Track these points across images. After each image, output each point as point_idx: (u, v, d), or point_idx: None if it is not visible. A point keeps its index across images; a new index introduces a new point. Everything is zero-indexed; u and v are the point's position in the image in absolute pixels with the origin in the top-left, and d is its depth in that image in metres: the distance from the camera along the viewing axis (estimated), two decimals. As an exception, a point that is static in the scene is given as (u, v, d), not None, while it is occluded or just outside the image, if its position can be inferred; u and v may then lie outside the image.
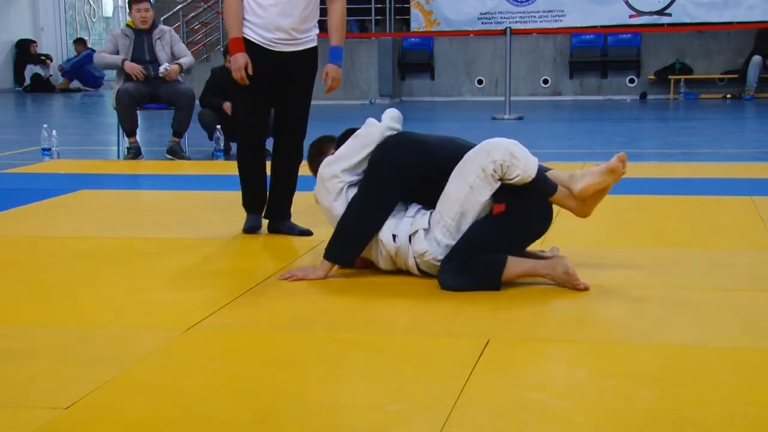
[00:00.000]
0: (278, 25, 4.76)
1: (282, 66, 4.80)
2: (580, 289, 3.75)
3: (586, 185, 3.86)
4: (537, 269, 3.82)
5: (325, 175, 4.06)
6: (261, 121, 4.97)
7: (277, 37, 4.78)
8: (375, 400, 2.68)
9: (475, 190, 3.80)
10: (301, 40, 4.83)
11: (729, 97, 15.31)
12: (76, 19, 22.35)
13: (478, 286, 3.75)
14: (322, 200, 4.09)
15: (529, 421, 2.53)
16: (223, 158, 8.23)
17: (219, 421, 2.55)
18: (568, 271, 3.76)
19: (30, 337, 3.30)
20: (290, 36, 4.79)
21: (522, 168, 3.78)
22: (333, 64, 4.88)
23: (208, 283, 3.99)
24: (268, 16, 4.78)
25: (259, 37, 4.78)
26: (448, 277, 3.79)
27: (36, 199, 6.06)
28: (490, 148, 3.81)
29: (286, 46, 4.80)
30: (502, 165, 3.77)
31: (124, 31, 8.32)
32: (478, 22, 16.04)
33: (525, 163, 3.79)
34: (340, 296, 3.77)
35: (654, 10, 15.62)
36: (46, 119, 11.95)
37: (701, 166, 7.58)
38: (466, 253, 3.79)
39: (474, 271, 3.77)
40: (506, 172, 3.78)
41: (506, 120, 12.17)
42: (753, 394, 2.70)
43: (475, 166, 3.81)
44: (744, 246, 4.57)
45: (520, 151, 3.83)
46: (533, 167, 3.81)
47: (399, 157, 3.99)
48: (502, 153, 3.79)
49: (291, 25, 4.78)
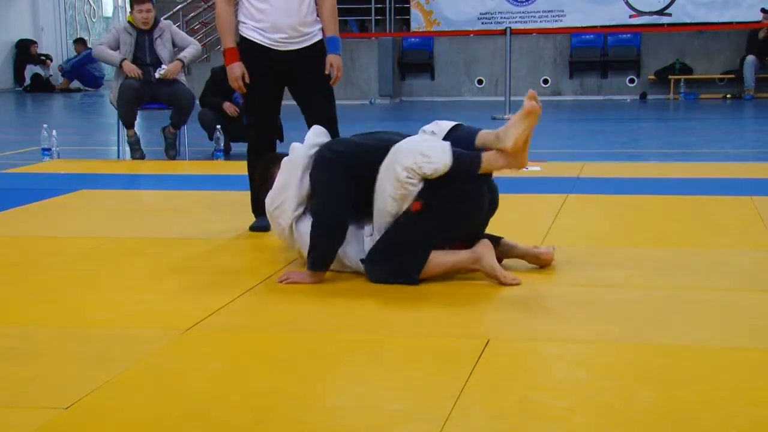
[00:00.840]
0: (280, 25, 4.77)
1: (291, 65, 4.83)
2: (508, 284, 3.78)
3: (516, 137, 3.85)
4: (462, 263, 3.86)
5: (272, 212, 4.14)
6: (271, 124, 4.98)
7: (281, 37, 4.79)
8: (375, 400, 2.68)
9: (399, 200, 3.83)
10: (307, 36, 4.84)
11: (729, 97, 15.31)
12: (76, 19, 22.35)
13: (395, 280, 3.82)
14: (278, 233, 4.21)
15: (529, 421, 2.53)
16: (223, 158, 8.23)
17: (219, 420, 2.55)
18: (495, 272, 3.80)
19: (30, 337, 3.30)
20: (295, 34, 4.80)
21: (434, 162, 3.78)
22: (334, 54, 4.89)
23: (208, 283, 3.99)
24: (270, 18, 4.79)
25: (263, 38, 4.79)
26: (372, 268, 3.87)
27: (36, 199, 6.06)
28: (398, 156, 3.82)
29: (292, 45, 4.81)
30: (413, 169, 3.78)
31: (126, 29, 8.29)
32: (478, 22, 16.04)
33: (436, 157, 3.79)
34: (339, 296, 3.77)
35: (654, 10, 15.62)
36: (46, 119, 11.95)
37: (701, 166, 7.58)
38: (388, 246, 3.84)
39: (393, 264, 3.83)
40: (421, 173, 3.79)
41: (506, 120, 12.15)
42: (753, 394, 2.70)
43: (390, 179, 3.82)
44: (744, 246, 4.57)
45: (428, 146, 3.84)
46: (446, 157, 3.80)
47: (332, 158, 4.01)
48: (410, 157, 3.80)
49: (293, 24, 4.78)
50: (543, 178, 6.79)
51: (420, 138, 3.96)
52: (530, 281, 3.91)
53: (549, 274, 4.02)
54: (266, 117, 4.94)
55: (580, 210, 5.55)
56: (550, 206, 5.53)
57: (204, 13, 17.32)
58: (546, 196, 6.00)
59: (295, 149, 4.16)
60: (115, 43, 8.25)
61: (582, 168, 7.16)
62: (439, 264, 3.85)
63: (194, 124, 8.64)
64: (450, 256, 3.88)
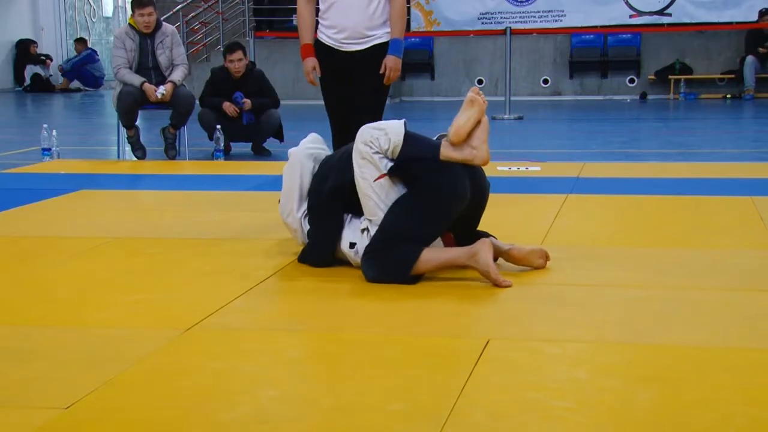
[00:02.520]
0: (344, 25, 5.02)
1: (352, 65, 5.03)
2: (500, 285, 3.78)
3: (458, 126, 3.90)
4: (457, 260, 3.87)
5: (285, 220, 4.28)
6: (339, 119, 5.17)
7: (344, 37, 5.01)
8: (375, 400, 2.68)
9: (369, 177, 3.91)
10: (370, 37, 5.05)
11: (729, 97, 15.31)
12: (76, 19, 22.35)
13: (389, 279, 3.84)
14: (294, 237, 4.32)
15: (529, 421, 2.53)
16: (223, 158, 8.23)
17: (219, 421, 2.55)
18: (488, 271, 3.80)
19: (30, 337, 3.30)
20: (357, 35, 5.03)
21: (389, 134, 3.87)
22: (391, 56, 5.13)
23: (208, 283, 3.99)
24: (334, 18, 5.08)
25: (329, 38, 5.11)
26: (365, 267, 3.92)
27: (36, 199, 6.06)
28: (357, 138, 3.95)
29: (354, 45, 5.04)
30: (371, 141, 3.89)
31: (128, 33, 8.27)
32: (478, 22, 16.04)
33: (390, 129, 3.90)
34: (339, 296, 3.77)
35: (654, 10, 15.63)
36: (46, 119, 11.96)
37: (701, 166, 7.58)
38: (381, 242, 3.89)
39: (386, 263, 3.86)
40: (378, 146, 3.88)
41: (506, 120, 12.17)
42: (753, 394, 2.70)
43: (356, 158, 3.94)
44: (744, 246, 4.57)
45: (383, 123, 3.98)
46: (400, 129, 3.90)
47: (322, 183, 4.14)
48: (367, 134, 3.92)
49: (357, 25, 5.05)
50: (543, 178, 6.80)
51: (380, 122, 4.09)
52: (530, 281, 3.91)
53: (549, 274, 4.02)
54: (335, 115, 5.15)
55: (580, 210, 5.55)
56: (550, 206, 5.53)
57: (204, 13, 17.33)
58: (546, 196, 6.00)
59: (291, 155, 4.29)
60: (127, 57, 8.20)
61: (582, 168, 7.16)
62: (432, 259, 3.86)
63: (194, 124, 8.65)
64: (445, 253, 3.90)
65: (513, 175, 6.92)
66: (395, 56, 5.12)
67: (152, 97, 8.10)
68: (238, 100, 8.59)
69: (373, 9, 5.05)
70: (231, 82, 8.65)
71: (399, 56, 5.15)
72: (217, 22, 17.08)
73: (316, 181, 4.18)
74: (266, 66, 13.75)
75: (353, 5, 5.03)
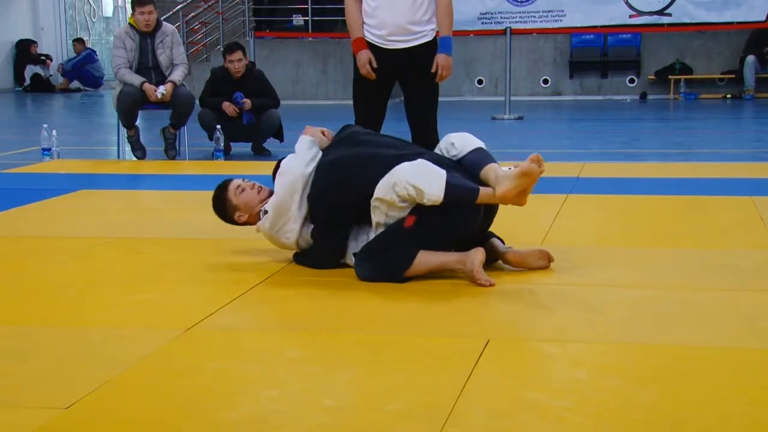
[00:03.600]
0: (388, 23, 5.08)
1: (400, 63, 5.08)
2: (482, 284, 3.77)
3: (507, 190, 3.83)
4: (449, 263, 3.88)
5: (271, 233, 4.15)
6: (372, 117, 5.22)
7: (389, 35, 5.04)
8: (375, 400, 2.68)
9: (392, 218, 3.87)
10: (417, 35, 5.10)
11: (729, 97, 15.31)
12: (76, 19, 22.34)
13: (382, 278, 3.85)
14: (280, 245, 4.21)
15: (529, 421, 2.53)
16: (223, 158, 8.23)
17: (219, 421, 2.55)
18: (472, 269, 3.79)
19: (30, 337, 3.30)
20: (403, 32, 5.07)
21: (427, 196, 3.76)
22: (442, 54, 5.19)
23: (208, 283, 3.99)
24: (378, 15, 5.13)
25: (373, 36, 5.20)
26: (359, 265, 3.91)
27: (36, 199, 6.06)
28: (394, 181, 3.80)
29: (400, 43, 5.11)
30: (407, 197, 3.79)
31: (128, 33, 8.27)
32: (478, 22, 16.02)
33: (428, 191, 3.75)
34: (340, 296, 3.77)
35: (654, 10, 15.61)
36: (46, 119, 11.96)
37: (701, 166, 7.58)
38: (380, 244, 3.88)
39: (381, 262, 3.86)
40: (412, 200, 3.80)
41: (506, 120, 12.17)
42: (753, 394, 2.70)
43: (385, 201, 3.84)
44: (744, 246, 4.57)
45: (422, 178, 3.78)
46: (438, 191, 3.76)
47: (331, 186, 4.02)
48: (405, 188, 3.78)
49: (402, 22, 5.11)
50: (543, 178, 6.72)
51: (420, 163, 3.86)
52: (530, 281, 3.91)
53: (549, 274, 4.02)
54: (368, 113, 5.19)
55: (580, 210, 5.55)
56: (550, 206, 5.53)
57: (204, 13, 17.33)
58: (546, 196, 5.99)
59: (289, 170, 4.10)
60: (127, 57, 8.20)
61: (582, 168, 7.16)
62: (425, 262, 3.87)
63: (194, 124, 8.64)
64: (438, 257, 3.89)
65: (513, 175, 6.90)
66: (446, 54, 5.17)
67: (152, 97, 8.10)
68: (238, 100, 8.58)
69: (418, 6, 5.09)
70: (231, 82, 8.65)
71: (450, 54, 5.18)
72: (217, 22, 17.08)
73: (322, 187, 4.04)
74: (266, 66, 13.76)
75: (397, 3, 5.07)
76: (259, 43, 14.57)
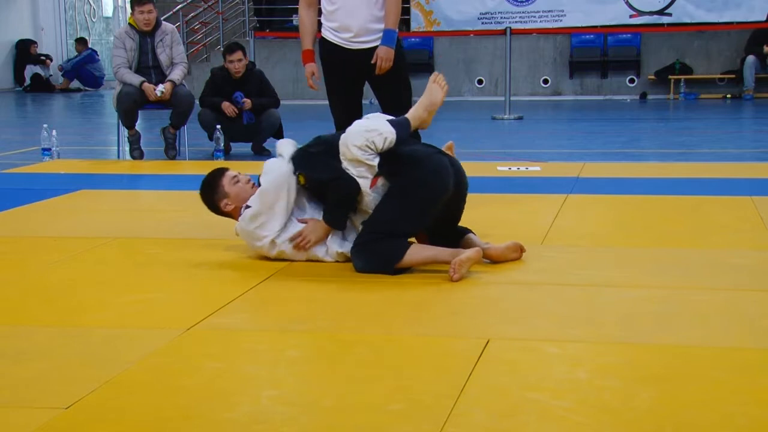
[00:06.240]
0: (349, 24, 5.14)
1: (364, 63, 5.13)
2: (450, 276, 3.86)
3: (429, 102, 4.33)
4: (440, 257, 3.99)
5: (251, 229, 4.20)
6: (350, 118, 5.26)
7: (351, 36, 5.12)
8: (375, 400, 2.68)
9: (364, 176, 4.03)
10: (378, 33, 5.17)
11: (729, 97, 15.31)
12: (76, 19, 22.34)
13: (375, 270, 3.96)
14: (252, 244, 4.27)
15: (529, 421, 2.53)
16: (223, 158, 8.23)
17: (219, 421, 2.55)
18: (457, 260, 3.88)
19: (30, 337, 3.30)
20: (364, 33, 5.15)
21: (383, 133, 4.02)
22: (383, 46, 5.19)
23: (208, 283, 4.00)
24: (337, 19, 5.17)
25: (336, 38, 5.26)
26: (354, 257, 4.05)
27: (36, 199, 6.06)
28: (348, 141, 4.04)
29: (362, 44, 5.16)
30: (367, 145, 4.00)
31: (128, 33, 8.26)
32: (478, 22, 16.04)
33: (382, 129, 4.04)
34: (340, 296, 3.78)
35: (654, 10, 15.62)
36: (46, 119, 11.96)
37: (701, 166, 7.58)
38: (368, 234, 4.02)
39: (374, 253, 3.99)
40: (374, 147, 4.01)
41: (506, 120, 12.17)
42: (753, 394, 2.70)
43: (350, 163, 4.03)
44: (744, 246, 4.57)
45: (373, 123, 4.10)
46: (389, 127, 4.06)
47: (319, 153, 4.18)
48: (359, 137, 4.02)
49: (361, 23, 5.15)
50: (543, 178, 6.80)
51: (359, 121, 4.18)
52: (530, 281, 3.91)
53: (549, 274, 4.03)
54: (344, 113, 5.24)
55: (580, 210, 5.55)
56: (550, 206, 5.53)
57: (204, 13, 17.33)
58: (546, 196, 6.00)
59: (274, 168, 4.19)
60: (127, 56, 8.19)
61: (582, 168, 7.16)
62: (416, 255, 3.99)
63: (194, 124, 8.65)
64: (429, 250, 4.03)
65: (513, 175, 6.92)
66: (388, 47, 5.17)
67: (151, 95, 8.10)
68: (237, 100, 8.58)
69: (374, 6, 5.15)
70: (231, 82, 8.65)
71: (392, 47, 5.19)
72: (217, 22, 17.08)
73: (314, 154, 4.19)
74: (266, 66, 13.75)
75: (355, 4, 5.10)
76: (259, 43, 14.56)
